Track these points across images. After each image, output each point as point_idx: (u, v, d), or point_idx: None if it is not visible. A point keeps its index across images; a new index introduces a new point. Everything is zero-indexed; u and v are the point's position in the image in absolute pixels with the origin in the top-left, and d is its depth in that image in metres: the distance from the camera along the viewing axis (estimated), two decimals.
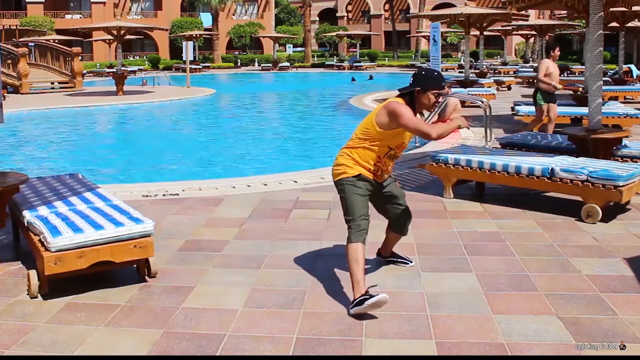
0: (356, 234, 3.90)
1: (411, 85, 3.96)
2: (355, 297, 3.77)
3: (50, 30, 45.04)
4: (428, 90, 3.92)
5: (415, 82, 3.95)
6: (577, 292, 4.06)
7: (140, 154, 11.96)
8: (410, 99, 3.96)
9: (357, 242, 3.87)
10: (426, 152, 9.09)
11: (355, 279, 3.81)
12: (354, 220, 3.94)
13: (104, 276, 4.41)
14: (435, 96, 3.95)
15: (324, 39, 58.27)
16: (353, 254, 3.85)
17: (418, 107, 3.98)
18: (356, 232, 3.90)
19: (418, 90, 3.93)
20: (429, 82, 3.93)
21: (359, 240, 3.88)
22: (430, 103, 3.96)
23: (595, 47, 7.28)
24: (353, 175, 4.00)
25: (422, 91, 3.93)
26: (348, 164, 4.02)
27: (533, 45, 45.76)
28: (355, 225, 3.92)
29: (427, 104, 3.97)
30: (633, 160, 6.87)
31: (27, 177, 4.99)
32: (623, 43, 18.71)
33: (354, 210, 3.96)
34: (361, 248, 3.86)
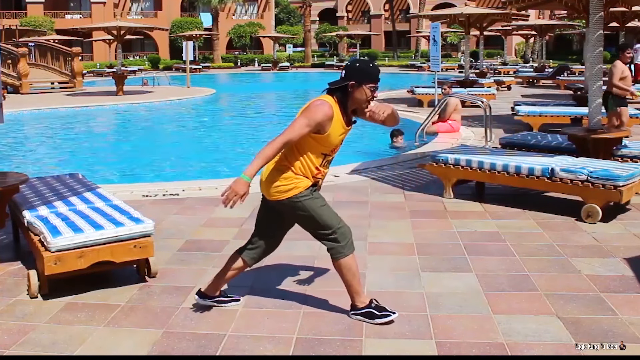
0: (345, 246, 3.55)
1: (344, 78, 3.48)
2: (357, 305, 3.66)
3: (50, 30, 45.05)
4: (363, 83, 3.46)
5: (349, 75, 3.48)
6: (577, 292, 4.06)
7: (141, 154, 11.96)
8: (342, 94, 3.49)
9: (349, 254, 3.56)
10: (426, 152, 9.09)
11: (355, 291, 3.64)
12: (335, 232, 3.55)
13: (104, 276, 4.41)
14: (372, 90, 3.50)
15: (324, 39, 58.27)
16: (348, 268, 3.57)
17: (351, 103, 3.51)
18: (344, 244, 3.55)
19: (352, 84, 3.46)
20: (365, 74, 3.49)
21: (350, 252, 3.57)
22: (366, 98, 3.49)
23: (595, 47, 7.28)
24: (306, 187, 3.54)
25: (357, 85, 3.46)
26: (292, 178, 3.57)
27: (533, 45, 45.78)
28: (340, 236, 3.55)
29: (362, 99, 3.49)
30: (633, 160, 6.87)
31: (27, 177, 4.99)
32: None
33: (330, 221, 3.56)
34: (353, 259, 3.60)
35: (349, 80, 3.48)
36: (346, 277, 3.62)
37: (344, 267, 3.58)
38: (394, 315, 3.64)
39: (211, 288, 3.92)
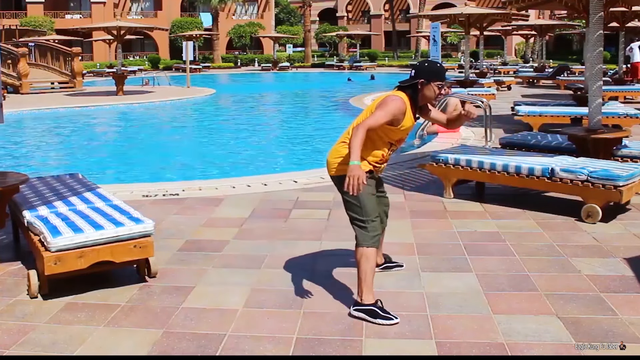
0: (372, 238, 3.70)
1: (414, 77, 3.81)
2: (363, 301, 3.69)
3: (50, 30, 45.05)
4: (432, 81, 3.79)
5: (419, 73, 3.81)
6: (577, 292, 4.06)
7: (140, 154, 11.97)
8: (413, 92, 3.82)
9: (373, 247, 3.70)
10: (426, 152, 9.09)
11: (368, 285, 3.69)
12: (368, 222, 3.71)
13: (104, 276, 4.41)
14: (439, 88, 3.81)
15: (324, 39, 58.28)
16: (370, 260, 3.68)
17: (421, 99, 3.85)
18: (372, 236, 3.70)
19: (422, 82, 3.79)
20: (433, 73, 3.81)
21: (374, 245, 3.71)
22: (434, 95, 3.83)
23: (595, 47, 7.28)
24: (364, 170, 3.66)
25: (426, 82, 3.79)
26: (341, 160, 3.79)
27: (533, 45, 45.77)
28: (371, 228, 3.70)
29: (431, 96, 3.83)
30: (633, 160, 6.87)
31: (27, 177, 4.99)
32: (623, 43, 18.71)
33: (369, 210, 3.72)
34: (375, 253, 3.74)
35: (418, 78, 3.80)
36: (363, 267, 3.69)
37: (363, 256, 3.69)
38: (396, 320, 3.64)
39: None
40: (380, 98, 3.82)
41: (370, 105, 3.88)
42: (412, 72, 3.85)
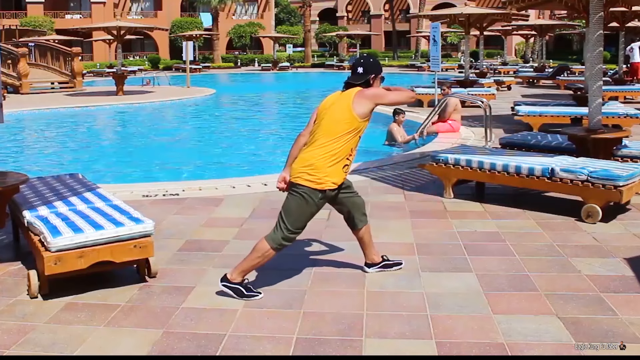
0: (283, 240, 3.94)
1: (365, 73, 4.01)
2: (232, 279, 3.99)
3: (50, 30, 45.03)
4: (378, 75, 4.06)
5: (370, 69, 4.02)
6: (577, 292, 4.06)
7: (141, 154, 11.96)
8: (366, 87, 4.01)
9: (276, 248, 3.96)
10: (426, 152, 9.09)
11: (247, 269, 4.02)
12: (288, 229, 3.93)
13: (104, 276, 4.41)
14: (382, 81, 4.09)
15: (324, 39, 58.27)
16: (267, 254, 3.97)
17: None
18: (284, 239, 3.93)
19: (373, 77, 4.02)
20: (379, 67, 4.08)
21: (279, 247, 3.96)
22: (379, 87, 4.06)
23: (595, 47, 7.28)
24: (319, 189, 3.90)
25: (375, 77, 4.04)
26: (320, 172, 3.88)
27: (533, 45, 45.76)
28: (288, 233, 3.93)
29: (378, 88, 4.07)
30: (633, 160, 6.87)
31: (27, 177, 4.99)
32: (623, 43, 18.71)
33: (298, 222, 3.94)
34: (273, 255, 3.99)
35: (370, 74, 4.00)
36: (255, 257, 3.99)
37: (262, 248, 3.98)
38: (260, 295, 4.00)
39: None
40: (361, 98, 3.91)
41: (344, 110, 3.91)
42: (361, 69, 4.02)
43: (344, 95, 3.99)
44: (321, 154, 3.90)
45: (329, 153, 3.89)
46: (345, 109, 3.91)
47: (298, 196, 3.92)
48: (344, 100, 3.94)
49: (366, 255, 4.44)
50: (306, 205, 3.91)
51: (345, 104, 3.91)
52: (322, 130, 3.93)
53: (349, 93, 3.97)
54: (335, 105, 3.96)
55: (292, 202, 3.94)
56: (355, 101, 3.90)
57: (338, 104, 3.96)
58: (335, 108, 3.95)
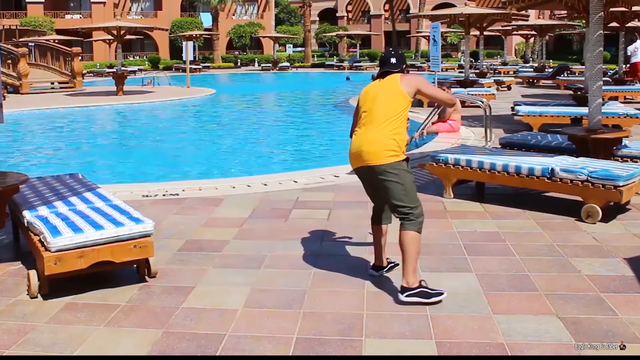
0: (420, 223, 3.93)
1: (399, 62, 4.17)
2: (409, 285, 3.86)
3: (50, 30, 45.03)
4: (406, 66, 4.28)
5: (401, 60, 4.19)
6: (577, 292, 4.06)
7: (141, 154, 11.97)
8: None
9: (420, 232, 3.93)
10: (426, 152, 9.08)
11: (414, 268, 3.89)
12: (417, 208, 3.93)
13: (104, 276, 4.41)
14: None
15: (324, 39, 58.26)
16: (418, 244, 3.91)
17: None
18: (420, 222, 3.93)
19: (405, 67, 4.22)
20: (405, 59, 4.27)
21: (421, 230, 3.94)
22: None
23: (595, 47, 7.28)
24: (404, 159, 4.02)
25: (406, 67, 4.24)
26: (397, 147, 3.97)
27: (533, 45, 45.75)
28: (418, 214, 3.93)
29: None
30: (633, 160, 6.87)
31: (27, 177, 4.99)
32: (623, 43, 18.71)
33: (415, 196, 3.98)
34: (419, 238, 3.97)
35: (403, 64, 4.19)
36: (412, 253, 3.87)
37: (413, 242, 3.89)
38: (445, 294, 3.91)
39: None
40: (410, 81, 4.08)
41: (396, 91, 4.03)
42: (394, 60, 4.17)
43: (387, 80, 4.11)
44: (386, 133, 3.97)
45: (392, 131, 3.97)
46: (396, 90, 4.03)
47: (398, 173, 3.94)
48: (391, 84, 4.07)
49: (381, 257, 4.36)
50: (409, 174, 4.01)
51: (394, 86, 4.04)
52: (378, 112, 4.01)
53: (393, 78, 4.10)
54: (382, 90, 4.07)
55: (398, 183, 3.93)
56: (403, 82, 4.05)
57: (385, 88, 4.07)
58: (384, 92, 4.06)
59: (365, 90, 4.21)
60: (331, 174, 7.93)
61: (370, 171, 3.99)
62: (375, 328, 3.58)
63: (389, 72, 4.16)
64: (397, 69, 4.16)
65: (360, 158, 4.01)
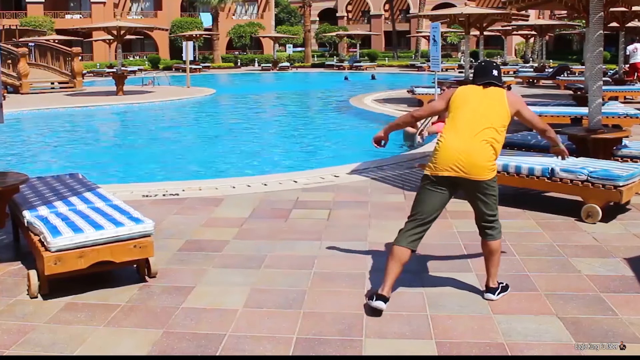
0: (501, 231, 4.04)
1: (500, 76, 4.08)
2: (497, 285, 4.03)
3: (50, 30, 45.01)
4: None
5: (501, 74, 4.12)
6: (577, 292, 4.06)
7: (140, 154, 11.97)
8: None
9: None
10: (426, 152, 9.08)
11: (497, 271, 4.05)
12: (498, 218, 4.05)
13: (104, 276, 4.41)
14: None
15: (324, 39, 58.24)
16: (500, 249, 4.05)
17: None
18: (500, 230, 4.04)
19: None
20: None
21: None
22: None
23: (595, 47, 7.28)
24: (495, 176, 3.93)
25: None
26: (494, 161, 3.88)
27: (533, 45, 45.74)
28: (499, 223, 4.05)
29: None
30: (633, 160, 6.87)
31: (27, 177, 4.99)
32: (623, 43, 18.70)
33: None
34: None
35: (502, 78, 4.14)
36: (498, 257, 4.03)
37: (499, 248, 4.04)
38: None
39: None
40: (516, 101, 4.00)
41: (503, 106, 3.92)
42: (496, 72, 4.08)
43: (493, 93, 3.97)
44: (488, 147, 3.83)
45: (494, 145, 3.85)
46: (502, 106, 3.91)
47: (495, 186, 3.94)
48: (498, 98, 3.94)
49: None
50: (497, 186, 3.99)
51: (502, 102, 3.92)
52: (484, 122, 3.84)
53: (499, 92, 3.98)
54: (488, 101, 3.93)
55: (494, 196, 3.97)
56: (509, 100, 3.93)
57: (491, 99, 3.93)
58: (490, 103, 3.92)
59: (465, 93, 4.02)
60: (331, 174, 7.93)
61: (470, 183, 3.86)
62: (375, 328, 3.58)
63: (492, 84, 4.01)
64: (500, 83, 4.06)
65: (461, 168, 3.79)
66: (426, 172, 3.92)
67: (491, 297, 3.98)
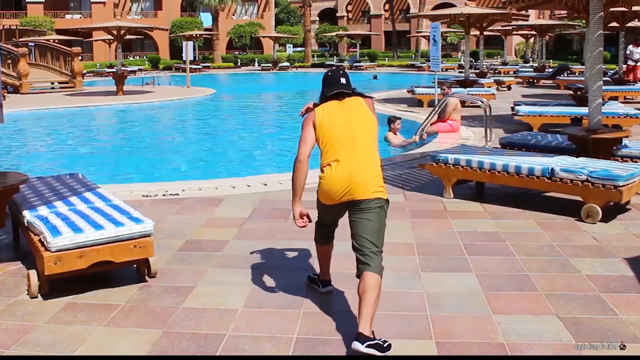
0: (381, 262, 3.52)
1: (349, 83, 3.75)
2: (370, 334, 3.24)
3: (50, 30, 44.99)
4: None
5: (349, 80, 3.77)
6: (577, 292, 4.06)
7: (140, 153, 11.96)
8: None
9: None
10: (426, 152, 9.08)
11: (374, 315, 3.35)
12: (381, 250, 3.54)
13: (104, 276, 4.41)
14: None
15: (324, 39, 58.27)
16: (380, 286, 3.43)
17: None
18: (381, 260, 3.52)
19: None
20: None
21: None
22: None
23: (595, 47, 7.28)
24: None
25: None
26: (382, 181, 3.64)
27: (533, 45, 45.75)
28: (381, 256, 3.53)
29: None
30: (633, 160, 6.87)
31: (27, 177, 4.99)
32: (623, 43, 18.71)
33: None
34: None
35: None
36: (378, 295, 3.39)
37: (379, 285, 3.43)
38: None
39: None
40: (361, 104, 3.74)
41: (370, 117, 3.71)
42: (344, 80, 3.74)
43: (354, 103, 3.70)
44: (376, 164, 3.65)
45: (377, 162, 3.65)
46: (368, 115, 3.68)
47: (384, 212, 3.56)
48: (359, 108, 3.68)
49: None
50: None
51: (365, 111, 3.68)
52: (360, 139, 3.60)
53: (357, 100, 3.71)
54: (353, 114, 3.65)
55: (383, 220, 3.56)
56: (369, 107, 3.71)
57: (354, 110, 3.66)
58: (354, 115, 3.65)
59: (325, 113, 3.67)
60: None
61: (357, 204, 3.56)
62: (375, 328, 3.57)
63: (345, 94, 3.70)
64: (351, 90, 3.72)
65: (349, 191, 3.56)
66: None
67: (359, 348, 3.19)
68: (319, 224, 4.04)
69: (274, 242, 5.23)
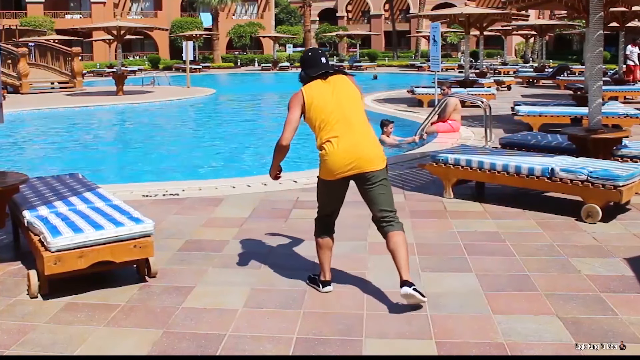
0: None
1: (329, 62, 4.00)
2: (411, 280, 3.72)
3: (50, 30, 45.01)
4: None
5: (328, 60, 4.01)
6: (577, 292, 4.06)
7: (140, 153, 11.96)
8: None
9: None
10: (426, 152, 9.08)
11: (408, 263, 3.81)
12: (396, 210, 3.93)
13: (104, 276, 4.41)
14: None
15: (324, 39, 58.25)
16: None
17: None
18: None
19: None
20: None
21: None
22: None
23: (595, 47, 7.28)
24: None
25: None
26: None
27: (533, 45, 45.76)
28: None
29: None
30: (633, 160, 6.87)
31: (27, 177, 5.00)
32: (623, 43, 18.71)
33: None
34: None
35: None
36: (406, 249, 3.85)
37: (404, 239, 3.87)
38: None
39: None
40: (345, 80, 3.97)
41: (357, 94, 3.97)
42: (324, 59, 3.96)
43: (337, 80, 3.90)
44: (373, 134, 3.90)
45: (373, 132, 3.90)
46: (355, 91, 3.91)
47: (388, 178, 3.92)
48: (346, 84, 3.90)
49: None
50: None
51: (351, 87, 3.91)
52: (354, 114, 3.83)
53: (341, 78, 3.92)
54: (342, 91, 3.86)
55: (389, 185, 3.94)
56: (354, 84, 3.93)
57: (341, 87, 3.87)
58: (343, 91, 3.86)
59: (311, 92, 3.87)
60: None
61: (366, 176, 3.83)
62: (375, 328, 3.58)
63: (329, 73, 3.91)
64: (332, 69, 3.94)
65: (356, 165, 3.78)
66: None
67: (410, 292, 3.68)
68: (319, 218, 4.15)
69: (274, 242, 5.23)
